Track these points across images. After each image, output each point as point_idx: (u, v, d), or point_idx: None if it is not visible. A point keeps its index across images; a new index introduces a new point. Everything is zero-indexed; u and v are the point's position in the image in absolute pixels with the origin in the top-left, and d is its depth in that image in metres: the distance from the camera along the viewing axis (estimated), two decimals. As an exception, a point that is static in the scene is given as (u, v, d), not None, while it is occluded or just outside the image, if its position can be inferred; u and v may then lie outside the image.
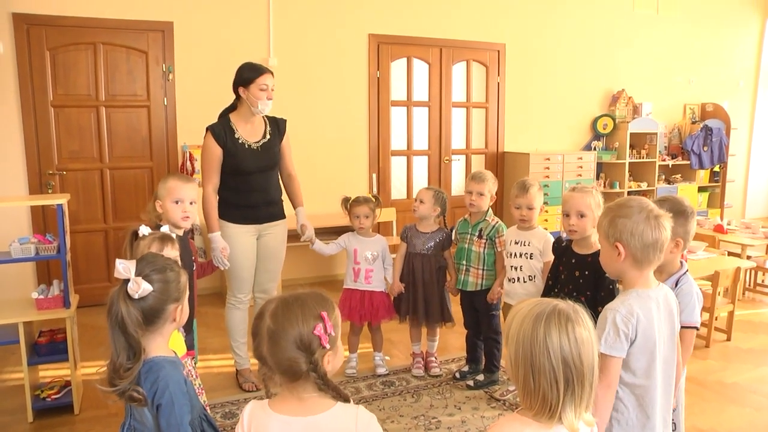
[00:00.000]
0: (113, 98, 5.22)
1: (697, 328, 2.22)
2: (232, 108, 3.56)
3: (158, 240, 2.30)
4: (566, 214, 2.92)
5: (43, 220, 5.00)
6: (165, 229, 2.45)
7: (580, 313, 1.36)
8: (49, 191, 5.04)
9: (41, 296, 3.25)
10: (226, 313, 3.70)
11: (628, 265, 1.88)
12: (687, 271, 2.25)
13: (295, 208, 3.76)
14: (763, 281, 6.05)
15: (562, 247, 3.05)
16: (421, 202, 3.74)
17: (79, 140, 5.14)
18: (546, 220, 6.65)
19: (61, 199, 3.26)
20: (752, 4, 8.69)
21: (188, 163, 5.40)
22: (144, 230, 2.32)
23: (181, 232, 2.86)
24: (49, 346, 3.36)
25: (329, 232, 5.63)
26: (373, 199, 3.79)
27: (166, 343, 1.75)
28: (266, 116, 3.62)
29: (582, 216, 2.86)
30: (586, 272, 2.85)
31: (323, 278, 6.14)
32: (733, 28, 8.59)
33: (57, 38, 4.97)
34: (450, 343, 4.33)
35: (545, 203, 4.62)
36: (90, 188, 5.21)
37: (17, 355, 3.38)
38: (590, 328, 1.36)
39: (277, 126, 3.63)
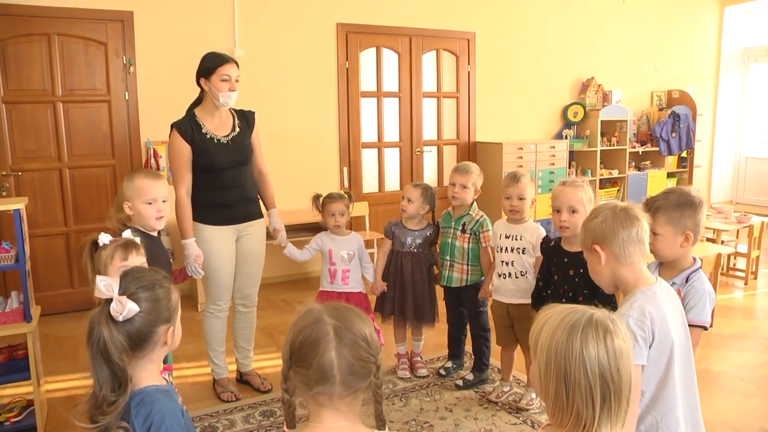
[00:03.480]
0: (71, 93, 4.91)
1: (706, 328, 2.13)
2: (198, 102, 3.35)
3: (121, 248, 2.08)
4: (557, 210, 2.81)
5: (-3, 226, 4.68)
6: (128, 233, 2.23)
7: (617, 322, 1.24)
8: (3, 194, 4.72)
9: (-2, 310, 3.00)
10: (204, 322, 3.47)
11: (613, 266, 1.81)
12: (700, 267, 2.15)
13: (268, 209, 3.56)
14: (734, 265, 6.10)
15: (551, 247, 2.95)
16: (409, 201, 3.58)
17: (34, 138, 4.83)
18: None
19: (19, 204, 2.99)
20: (711, -7, 8.80)
21: (152, 160, 5.15)
22: (104, 239, 2.09)
23: (155, 233, 2.66)
24: (8, 364, 3.09)
25: (299, 230, 5.46)
26: (347, 196, 3.61)
27: (158, 369, 1.55)
28: (233, 109, 3.40)
29: (574, 211, 2.76)
30: (581, 270, 2.76)
31: (295, 277, 5.96)
32: (695, 17, 8.68)
33: (7, 28, 4.64)
34: (432, 341, 4.19)
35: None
36: (48, 189, 4.90)
37: (-28, 373, 3.11)
38: (628, 338, 1.24)
39: (245, 119, 3.42)
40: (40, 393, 3.13)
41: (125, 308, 1.41)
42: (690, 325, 2.05)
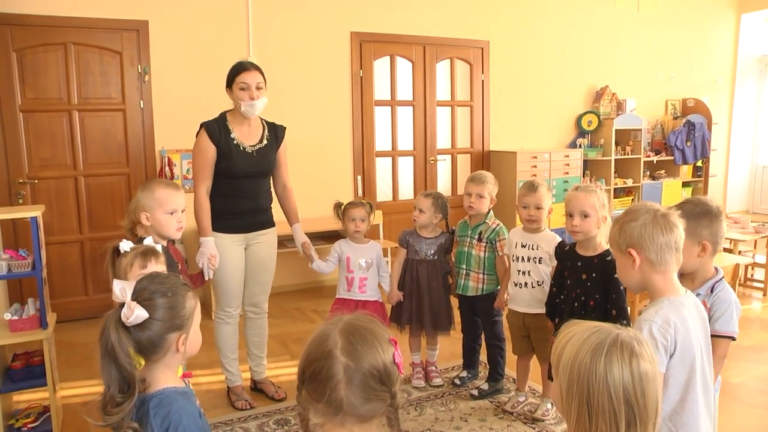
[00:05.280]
0: (86, 102, 4.94)
1: (733, 338, 2.09)
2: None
3: (140, 255, 2.06)
4: (569, 215, 2.79)
5: (13, 234, 4.68)
6: (149, 241, 2.23)
7: (644, 343, 1.19)
8: (20, 201, 4.76)
9: (15, 317, 2.99)
10: (215, 328, 3.47)
11: (646, 271, 1.77)
12: (723, 277, 2.11)
13: (291, 224, 3.55)
14: (752, 276, 6.02)
15: (565, 252, 2.93)
16: (421, 211, 3.57)
17: (50, 147, 4.86)
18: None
19: (36, 212, 3.00)
20: (727, 2, 8.72)
21: (167, 168, 5.17)
22: (125, 246, 2.09)
23: (165, 242, 2.64)
24: (24, 370, 3.10)
25: (313, 237, 5.44)
26: (368, 204, 3.61)
27: (175, 373, 1.54)
28: (266, 121, 3.43)
29: (586, 216, 2.74)
30: (594, 274, 2.75)
31: (309, 285, 5.95)
32: (710, 25, 8.61)
33: (24, 39, 4.69)
34: (447, 350, 4.16)
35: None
36: (64, 197, 4.93)
37: (-11, 379, 3.12)
38: (654, 361, 1.20)
39: (275, 132, 3.43)
40: (55, 399, 3.14)
41: (133, 314, 1.41)
42: (717, 336, 2.02)
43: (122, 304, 1.44)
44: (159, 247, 2.20)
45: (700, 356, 1.75)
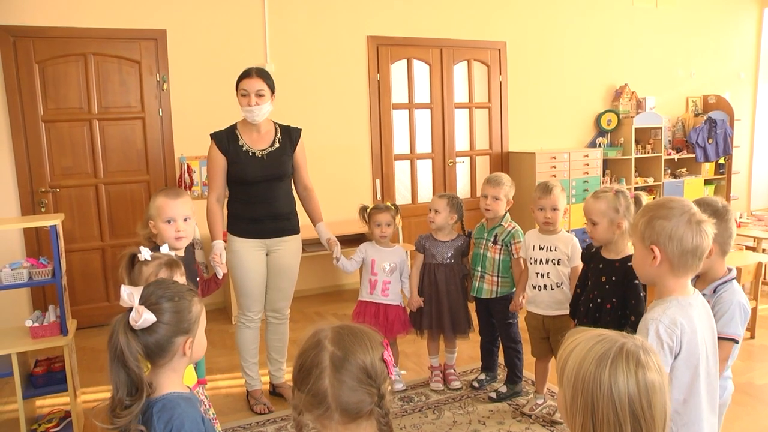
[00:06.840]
0: (106, 111, 5.02)
1: (736, 341, 2.05)
2: None
3: (166, 266, 2.05)
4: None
5: (36, 241, 4.80)
6: (165, 249, 2.22)
7: (650, 353, 1.16)
8: (42, 210, 4.85)
9: (36, 323, 3.06)
10: (237, 332, 3.51)
11: (663, 271, 1.72)
12: (734, 278, 2.07)
13: (315, 224, 3.56)
14: (777, 274, 5.90)
15: (591, 253, 2.91)
16: (437, 212, 3.56)
17: (71, 155, 4.95)
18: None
19: (55, 220, 3.05)
20: (750, -6, 8.59)
21: (186, 175, 5.22)
22: (146, 254, 2.04)
23: (182, 252, 2.65)
24: (46, 376, 3.16)
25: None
26: (393, 208, 3.60)
27: (180, 378, 1.56)
28: (279, 124, 3.45)
29: (593, 224, 2.70)
30: (614, 278, 2.70)
31: (329, 289, 5.97)
32: (732, 19, 8.46)
33: (45, 50, 4.78)
34: (466, 353, 4.15)
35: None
36: (85, 205, 5.02)
37: (11, 385, 3.17)
38: (662, 370, 1.16)
39: (289, 135, 3.44)
40: (76, 404, 3.20)
41: (141, 318, 1.44)
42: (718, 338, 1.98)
43: (130, 309, 1.46)
44: (175, 255, 2.21)
45: (705, 358, 1.71)
